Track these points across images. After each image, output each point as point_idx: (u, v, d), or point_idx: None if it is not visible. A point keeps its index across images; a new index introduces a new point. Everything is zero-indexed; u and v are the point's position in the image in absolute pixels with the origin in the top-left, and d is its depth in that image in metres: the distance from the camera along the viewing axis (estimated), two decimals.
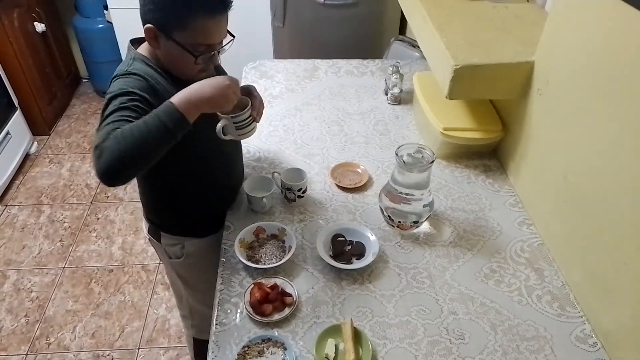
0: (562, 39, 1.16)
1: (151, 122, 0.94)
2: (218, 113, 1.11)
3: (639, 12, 0.87)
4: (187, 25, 1.02)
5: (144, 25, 1.06)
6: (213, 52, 1.10)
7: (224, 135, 1.14)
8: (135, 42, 1.18)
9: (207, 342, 1.60)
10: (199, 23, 1.03)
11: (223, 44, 1.12)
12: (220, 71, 1.30)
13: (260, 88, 1.91)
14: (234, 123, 1.13)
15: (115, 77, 1.08)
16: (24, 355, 1.95)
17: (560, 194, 1.20)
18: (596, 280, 1.06)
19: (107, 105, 1.01)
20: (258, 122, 1.19)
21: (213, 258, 1.28)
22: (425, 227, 1.31)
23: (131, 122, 0.96)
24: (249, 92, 1.18)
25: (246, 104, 1.14)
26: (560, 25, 1.17)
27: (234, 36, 1.14)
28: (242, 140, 1.49)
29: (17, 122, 2.95)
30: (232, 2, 1.07)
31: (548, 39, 1.22)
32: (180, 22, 1.02)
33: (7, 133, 2.82)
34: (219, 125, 1.13)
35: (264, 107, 1.23)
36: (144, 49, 1.14)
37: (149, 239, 1.44)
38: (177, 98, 0.98)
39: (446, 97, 1.33)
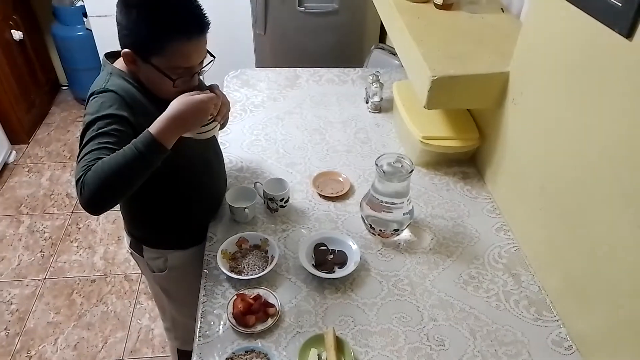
0: (535, 50, 1.20)
1: (130, 153, 0.96)
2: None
3: (606, 28, 0.91)
4: (164, 50, 1.02)
5: (121, 49, 1.07)
6: (193, 74, 1.10)
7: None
8: (111, 57, 1.17)
9: (191, 352, 1.61)
10: (176, 47, 1.02)
11: (203, 65, 1.12)
12: (202, 88, 1.27)
13: (241, 97, 1.92)
14: None
15: (92, 95, 1.07)
16: None
17: (536, 201, 1.23)
18: (571, 285, 1.10)
19: (85, 130, 1.01)
20: (220, 123, 1.18)
21: (197, 270, 1.28)
22: (405, 234, 1.34)
23: (110, 148, 0.97)
24: (211, 90, 1.15)
25: None
26: (533, 36, 1.21)
27: (214, 57, 1.13)
28: (223, 151, 1.50)
29: None
30: (209, 24, 1.07)
31: (522, 50, 1.26)
32: (156, 46, 1.02)
33: None
34: None
35: (228, 108, 1.22)
36: (121, 63, 1.12)
37: (130, 253, 1.43)
38: (156, 127, 0.98)
39: (424, 107, 1.36)
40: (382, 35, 2.62)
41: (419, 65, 1.35)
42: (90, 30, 3.01)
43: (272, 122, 1.78)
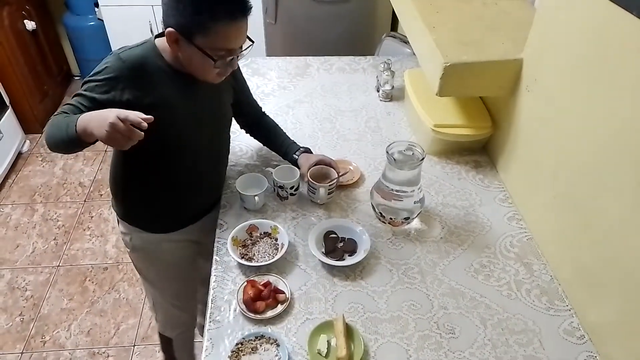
0: (550, 37, 1.17)
1: (64, 128, 1.03)
2: (312, 181, 1.33)
3: (626, 12, 0.89)
4: (209, 30, 1.04)
5: (165, 29, 1.09)
6: (232, 57, 1.12)
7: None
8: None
9: (170, 339, 1.60)
10: (221, 28, 1.04)
11: (242, 49, 1.14)
12: (237, 76, 1.38)
13: (252, 86, 1.91)
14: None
15: (112, 54, 1.13)
16: (20, 354, 1.95)
17: (549, 189, 1.21)
18: (584, 275, 1.08)
19: (85, 80, 1.12)
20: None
21: (164, 256, 1.36)
22: (416, 223, 1.33)
23: (79, 109, 1.08)
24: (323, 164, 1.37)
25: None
26: (548, 22, 1.18)
27: (252, 41, 1.16)
28: (234, 139, 1.51)
29: (8, 120, 2.94)
30: (251, 7, 1.09)
31: (536, 37, 1.23)
32: (202, 27, 1.04)
33: None
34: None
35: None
36: (161, 40, 1.15)
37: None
38: (80, 120, 1.00)
39: (436, 95, 1.34)
40: (394, 23, 2.59)
41: (432, 52, 1.33)
42: (102, 21, 3.02)
43: (283, 111, 1.78)
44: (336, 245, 1.25)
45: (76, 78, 3.82)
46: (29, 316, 2.11)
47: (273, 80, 1.96)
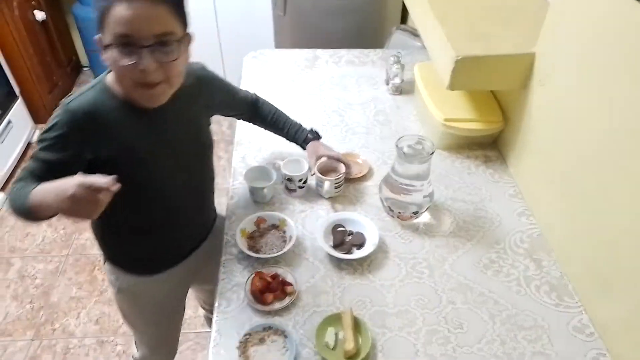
0: (563, 30, 1.16)
1: (21, 201, 0.92)
2: (319, 175, 1.33)
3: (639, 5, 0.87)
4: (108, 16, 0.86)
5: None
6: (140, 48, 0.87)
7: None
8: None
9: None
10: (116, 11, 0.85)
11: (163, 40, 0.89)
12: (211, 90, 1.20)
13: (260, 78, 1.91)
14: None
15: (62, 105, 0.98)
16: (30, 341, 1.98)
17: (560, 185, 1.20)
18: (594, 272, 1.07)
19: (38, 139, 0.99)
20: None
21: (148, 298, 1.27)
22: (425, 217, 1.32)
23: (37, 176, 0.95)
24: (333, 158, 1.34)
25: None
26: (561, 16, 1.16)
27: (186, 34, 0.97)
28: (240, 130, 1.51)
29: (18, 110, 2.95)
30: None
31: (549, 30, 1.22)
32: (99, 16, 0.88)
33: (9, 122, 2.82)
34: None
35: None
36: (111, 74, 1.01)
37: None
38: (34, 195, 0.90)
39: (447, 89, 1.33)
40: (404, 16, 2.56)
41: (443, 46, 1.32)
42: None
43: (291, 104, 1.76)
44: (344, 239, 1.25)
45: (85, 69, 3.83)
46: (38, 304, 2.13)
47: (282, 72, 1.95)
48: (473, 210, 1.34)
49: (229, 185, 1.43)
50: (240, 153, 1.54)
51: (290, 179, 1.36)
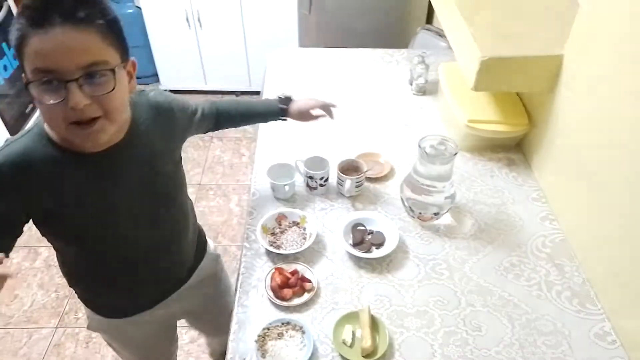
0: (593, 33, 1.14)
1: None
2: (340, 173, 1.34)
3: None
4: (25, 48, 0.72)
5: None
6: (64, 82, 0.73)
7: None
8: None
9: None
10: (32, 44, 0.72)
11: (92, 71, 0.75)
12: (174, 121, 1.03)
13: (284, 76, 1.93)
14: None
15: None
16: (54, 329, 2.03)
17: (585, 190, 1.18)
18: (618, 279, 1.05)
19: None
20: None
21: (124, 339, 1.21)
22: (446, 219, 1.32)
23: None
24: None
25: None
26: (592, 18, 1.14)
27: (127, 59, 0.83)
28: (262, 128, 1.52)
29: None
30: (90, 18, 0.74)
31: (579, 32, 1.19)
32: (20, 45, 0.73)
33: None
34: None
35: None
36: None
37: None
38: None
39: (472, 89, 1.32)
40: (430, 15, 2.55)
41: (468, 45, 1.31)
42: (140, 8, 3.07)
43: None
44: (364, 238, 1.25)
45: None
46: (63, 293, 2.19)
47: (305, 71, 1.96)
48: (495, 213, 1.33)
49: (251, 182, 1.45)
50: (263, 150, 1.55)
51: (311, 177, 1.37)
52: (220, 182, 2.70)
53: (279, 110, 1.33)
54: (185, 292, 1.20)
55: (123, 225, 0.94)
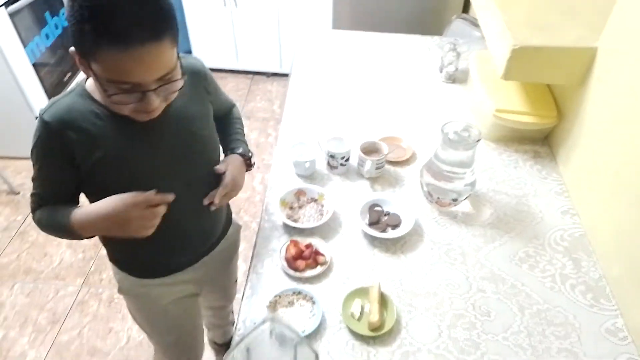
0: (629, 26, 1.11)
1: (57, 227, 0.95)
2: (362, 154, 1.34)
3: None
4: (96, 57, 0.75)
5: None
6: (143, 92, 0.79)
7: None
8: None
9: None
10: (108, 57, 0.74)
11: (166, 82, 0.80)
12: (209, 89, 1.06)
13: (316, 58, 1.94)
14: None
15: (39, 117, 0.89)
16: (79, 287, 2.13)
17: (609, 187, 1.16)
18: (636, 277, 1.04)
19: (31, 154, 0.93)
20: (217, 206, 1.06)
21: (152, 304, 1.20)
22: (464, 206, 1.31)
23: (44, 196, 0.97)
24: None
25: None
26: (629, 10, 1.11)
27: (184, 74, 0.85)
28: (287, 108, 1.53)
29: None
30: (163, 31, 0.75)
31: (615, 25, 1.17)
32: (89, 50, 0.75)
33: None
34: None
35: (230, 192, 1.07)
36: (91, 81, 0.92)
37: None
38: (77, 218, 0.91)
39: (501, 78, 1.31)
40: (466, 5, 2.51)
41: (501, 33, 1.30)
42: None
43: (342, 84, 1.79)
44: (380, 218, 1.27)
45: None
46: (89, 254, 2.28)
47: (337, 53, 1.97)
48: (515, 204, 1.32)
49: (273, 156, 1.48)
50: (287, 128, 1.58)
51: (332, 156, 1.38)
52: None
53: (231, 150, 1.17)
54: (212, 258, 1.21)
55: (163, 184, 0.93)
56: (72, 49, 0.78)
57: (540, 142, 1.52)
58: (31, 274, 2.17)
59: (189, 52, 3.31)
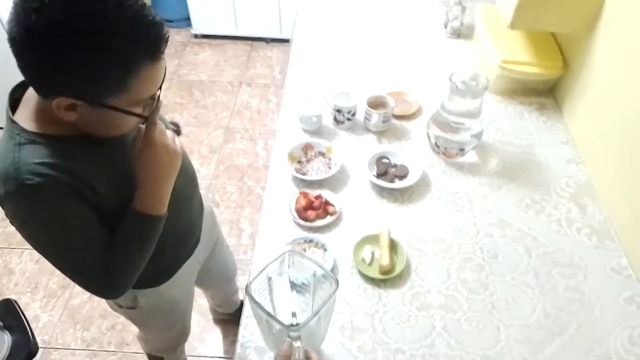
0: None
1: (135, 240, 0.85)
2: (368, 107, 1.34)
3: None
4: (130, 84, 0.71)
5: (45, 97, 0.72)
6: (156, 98, 0.79)
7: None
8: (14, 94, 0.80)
9: (161, 358, 1.43)
10: (145, 75, 0.72)
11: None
12: None
13: (316, 16, 1.91)
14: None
15: (7, 197, 0.73)
16: None
17: (614, 132, 1.17)
18: None
19: (42, 246, 0.80)
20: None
21: (171, 301, 1.16)
22: (470, 156, 1.32)
23: (95, 246, 0.82)
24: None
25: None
26: None
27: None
28: (291, 67, 1.51)
29: None
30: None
31: None
32: (120, 84, 0.71)
33: None
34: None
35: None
36: (30, 116, 0.76)
37: None
38: (143, 203, 0.83)
39: (508, 27, 1.30)
40: None
41: None
42: None
43: (345, 42, 1.77)
44: (388, 169, 1.28)
45: None
46: None
47: (340, 9, 1.94)
48: (520, 154, 1.33)
49: (280, 112, 1.48)
50: (292, 85, 1.57)
51: (339, 110, 1.39)
52: (248, 127, 2.74)
53: None
54: (204, 238, 1.19)
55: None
56: (60, 99, 0.69)
57: (545, 94, 1.52)
58: None
59: (187, 19, 3.26)
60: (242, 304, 1.79)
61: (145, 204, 0.83)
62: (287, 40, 3.25)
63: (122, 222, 0.83)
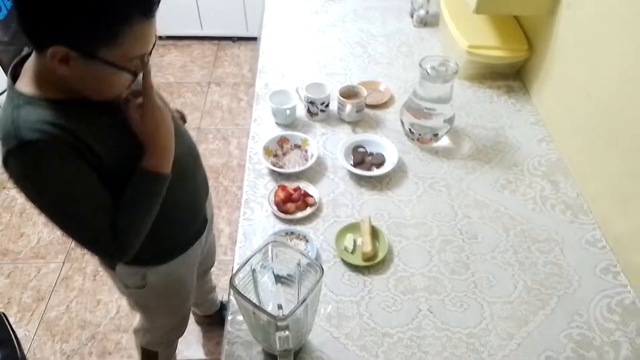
0: None
1: (143, 198, 0.87)
2: (341, 98, 1.35)
3: None
4: (122, 37, 0.74)
5: (40, 48, 0.74)
6: (146, 60, 0.82)
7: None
8: (15, 70, 0.82)
9: (155, 353, 1.40)
10: (137, 30, 0.75)
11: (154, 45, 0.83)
12: None
13: (284, 10, 1.90)
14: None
15: (7, 155, 0.75)
16: (61, 263, 2.09)
17: (581, 109, 1.20)
18: (612, 189, 1.09)
19: (44, 206, 0.81)
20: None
21: (179, 280, 1.17)
22: (444, 141, 1.34)
23: (101, 205, 0.83)
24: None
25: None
26: None
27: (156, 37, 0.83)
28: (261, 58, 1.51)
29: None
30: None
31: None
32: (112, 35, 0.73)
33: None
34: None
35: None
36: (28, 82, 0.79)
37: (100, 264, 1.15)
38: (153, 163, 0.86)
39: (473, 12, 1.32)
40: None
41: None
42: None
43: (314, 34, 1.77)
44: (364, 158, 1.28)
45: None
46: None
47: (305, 4, 1.94)
48: (493, 136, 1.36)
49: (252, 107, 1.46)
50: (264, 79, 1.56)
51: (312, 102, 1.38)
52: (220, 127, 2.70)
53: None
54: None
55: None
56: (55, 48, 0.71)
57: (513, 77, 1.55)
58: (9, 255, 2.11)
59: None
60: (222, 305, 1.78)
61: (155, 162, 0.86)
62: (254, 39, 3.22)
63: (131, 183, 0.85)
